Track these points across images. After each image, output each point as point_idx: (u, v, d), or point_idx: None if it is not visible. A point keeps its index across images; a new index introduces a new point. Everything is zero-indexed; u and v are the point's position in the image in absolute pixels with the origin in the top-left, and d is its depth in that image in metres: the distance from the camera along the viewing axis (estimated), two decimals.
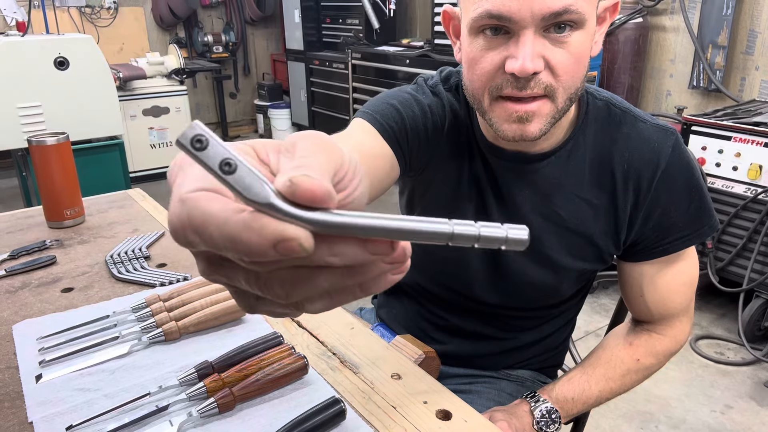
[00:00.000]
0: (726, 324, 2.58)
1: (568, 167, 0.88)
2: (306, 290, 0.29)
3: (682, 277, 0.94)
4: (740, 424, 2.00)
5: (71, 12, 5.08)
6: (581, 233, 0.91)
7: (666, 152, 0.86)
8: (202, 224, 0.27)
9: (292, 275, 0.29)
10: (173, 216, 0.28)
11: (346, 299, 0.31)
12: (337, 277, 0.29)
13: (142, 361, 0.81)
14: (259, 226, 0.27)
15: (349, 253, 0.28)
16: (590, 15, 0.74)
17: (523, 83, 0.73)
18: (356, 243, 0.28)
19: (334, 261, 0.28)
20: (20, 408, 0.72)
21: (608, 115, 0.89)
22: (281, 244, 0.27)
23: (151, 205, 1.43)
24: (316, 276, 0.29)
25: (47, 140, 1.21)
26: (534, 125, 0.76)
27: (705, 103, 3.23)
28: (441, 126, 0.91)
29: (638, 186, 0.87)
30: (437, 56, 3.93)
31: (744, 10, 2.98)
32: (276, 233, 0.27)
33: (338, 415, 0.68)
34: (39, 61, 2.90)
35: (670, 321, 0.97)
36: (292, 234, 0.27)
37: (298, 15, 5.28)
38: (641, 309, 0.97)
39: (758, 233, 2.34)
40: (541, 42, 0.72)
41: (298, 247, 0.27)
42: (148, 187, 1.73)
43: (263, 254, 0.27)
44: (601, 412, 2.04)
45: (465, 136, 0.92)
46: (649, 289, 0.94)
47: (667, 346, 0.97)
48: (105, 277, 1.06)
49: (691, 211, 0.88)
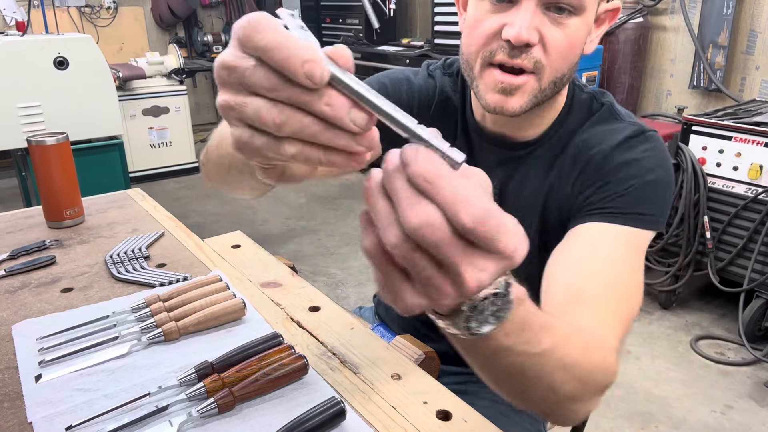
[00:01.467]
0: (726, 324, 2.58)
1: (545, 158, 0.90)
2: (295, 127, 0.37)
3: (600, 253, 0.77)
4: (740, 424, 2.00)
5: (71, 12, 5.08)
6: (552, 219, 0.90)
7: (619, 138, 0.84)
8: (263, 27, 0.36)
9: (291, 110, 0.37)
10: (243, 20, 0.37)
11: (313, 156, 0.39)
12: (319, 126, 0.37)
13: (141, 361, 0.81)
14: (303, 45, 0.36)
15: (338, 106, 0.37)
16: (590, 6, 0.78)
17: (516, 52, 0.76)
18: (347, 102, 0.37)
19: (326, 109, 0.37)
20: (20, 408, 0.72)
21: (589, 109, 0.90)
22: (308, 63, 0.35)
23: (151, 205, 1.43)
24: (306, 118, 0.37)
25: (47, 140, 1.21)
26: (515, 100, 0.79)
27: (705, 103, 3.23)
28: (427, 106, 0.96)
29: (584, 165, 0.86)
30: (437, 56, 3.93)
31: (744, 10, 2.97)
32: (311, 53, 0.35)
33: (338, 415, 0.68)
34: (38, 61, 2.89)
35: (585, 311, 0.69)
36: (320, 62, 0.36)
37: (298, 15, 5.27)
38: (554, 280, 0.77)
39: (759, 233, 2.34)
40: (540, 17, 0.76)
41: (318, 73, 0.35)
42: (147, 187, 1.72)
43: (294, 70, 0.35)
44: (601, 413, 2.04)
45: (453, 118, 0.96)
46: (563, 255, 0.79)
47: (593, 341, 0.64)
48: (104, 277, 1.06)
49: (627, 197, 0.80)
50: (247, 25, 0.36)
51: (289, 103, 0.37)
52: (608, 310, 0.69)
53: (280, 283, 1.05)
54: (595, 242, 0.78)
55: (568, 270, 0.75)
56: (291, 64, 0.35)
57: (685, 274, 2.60)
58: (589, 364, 0.58)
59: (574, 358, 0.55)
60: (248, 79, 0.37)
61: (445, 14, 3.99)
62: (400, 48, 4.46)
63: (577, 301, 0.70)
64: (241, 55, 0.37)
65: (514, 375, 0.53)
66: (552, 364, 0.53)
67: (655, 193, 0.81)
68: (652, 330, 2.56)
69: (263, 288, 1.04)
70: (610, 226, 0.78)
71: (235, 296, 0.93)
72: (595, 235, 0.78)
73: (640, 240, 0.79)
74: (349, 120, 0.37)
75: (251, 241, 1.24)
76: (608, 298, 0.71)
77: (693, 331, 2.54)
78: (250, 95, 0.38)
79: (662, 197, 0.82)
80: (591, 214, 0.81)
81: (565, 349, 0.54)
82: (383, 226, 0.37)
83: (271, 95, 0.37)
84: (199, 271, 1.08)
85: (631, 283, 0.75)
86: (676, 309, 2.72)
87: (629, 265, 0.76)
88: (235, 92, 0.38)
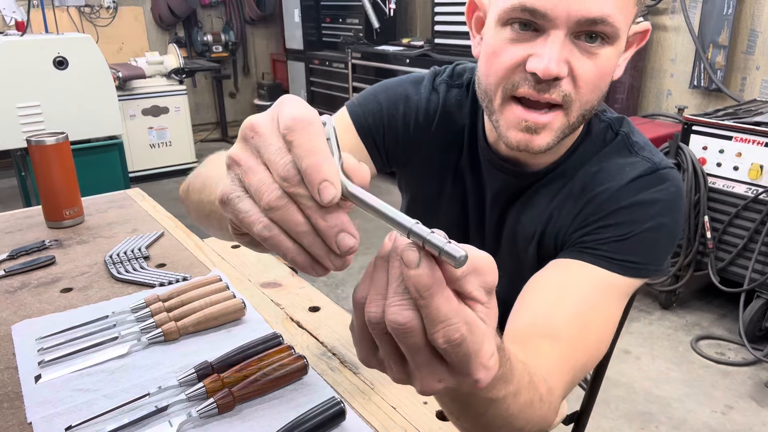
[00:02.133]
0: (727, 324, 2.58)
1: (551, 187, 0.85)
2: (284, 218, 0.38)
3: (577, 294, 0.74)
4: (741, 425, 2.00)
5: (70, 11, 5.07)
6: (549, 247, 0.86)
7: (629, 177, 0.78)
8: (311, 130, 0.37)
9: (289, 201, 0.38)
10: (297, 111, 0.38)
11: (284, 247, 0.39)
12: (306, 229, 0.38)
13: (141, 361, 0.81)
14: (329, 162, 0.37)
15: (332, 224, 0.37)
16: (623, 33, 0.71)
17: (543, 86, 0.70)
18: (341, 223, 0.37)
19: (320, 222, 0.37)
20: (19, 408, 0.72)
21: (603, 139, 0.84)
22: (325, 183, 0.36)
23: (151, 205, 1.43)
24: (298, 215, 0.38)
25: (46, 140, 1.21)
26: (542, 138, 0.73)
27: (706, 103, 3.23)
28: (427, 125, 0.90)
29: (588, 202, 0.81)
30: (437, 56, 3.94)
31: (745, 9, 2.97)
32: (331, 173, 0.36)
33: (338, 416, 0.68)
34: (38, 61, 2.89)
35: (543, 349, 0.67)
36: (336, 184, 0.37)
37: (297, 14, 5.28)
38: (523, 307, 0.76)
39: (759, 233, 2.34)
40: (569, 47, 0.69)
41: (329, 197, 0.36)
42: (147, 187, 1.72)
43: (311, 180, 0.36)
44: (602, 412, 2.04)
45: (458, 135, 0.90)
46: (540, 284, 0.77)
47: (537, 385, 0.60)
48: (104, 278, 1.05)
49: (622, 243, 0.76)
50: (301, 120, 0.37)
51: (292, 197, 0.37)
52: (563, 355, 0.67)
53: (280, 283, 1.05)
54: (576, 282, 0.75)
55: (541, 301, 0.73)
56: (311, 174, 0.36)
57: (685, 274, 2.59)
58: (526, 420, 0.58)
59: (515, 411, 0.55)
60: (271, 156, 0.38)
61: (445, 14, 3.99)
62: (400, 48, 4.45)
63: (538, 335, 0.68)
64: (275, 130, 0.38)
65: (458, 406, 0.54)
66: (495, 411, 0.53)
67: (654, 241, 0.77)
68: (653, 330, 2.56)
69: (263, 288, 1.03)
70: (597, 269, 0.75)
71: (235, 296, 0.93)
72: (578, 274, 0.75)
73: (622, 288, 0.76)
74: (335, 240, 0.37)
75: None
76: (569, 344, 0.69)
77: (693, 331, 2.54)
78: (262, 166, 0.38)
79: (662, 245, 0.78)
80: (582, 251, 0.77)
81: (514, 401, 0.53)
82: (371, 297, 0.38)
83: (280, 182, 0.37)
84: (198, 271, 1.08)
85: (599, 331, 0.73)
86: (677, 309, 2.72)
87: (604, 313, 0.74)
88: (251, 155, 0.39)
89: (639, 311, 2.70)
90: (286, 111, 0.38)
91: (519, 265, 0.89)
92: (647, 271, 0.77)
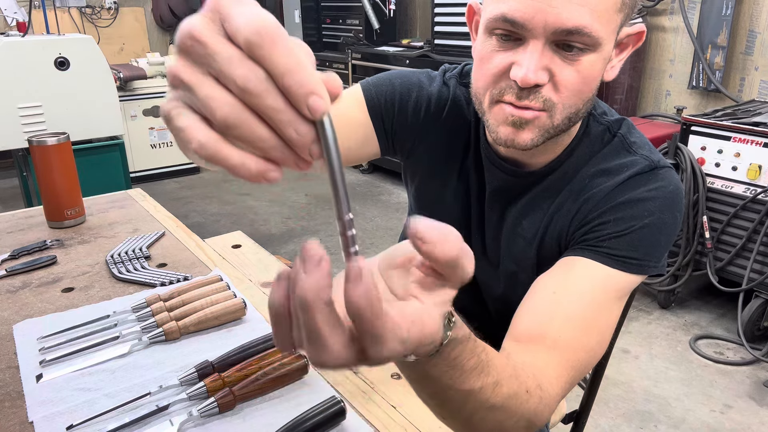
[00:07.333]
0: (725, 324, 2.59)
1: (549, 189, 0.86)
2: (247, 133, 0.33)
3: (577, 291, 0.75)
4: (740, 424, 2.01)
5: (71, 12, 5.08)
6: (550, 250, 0.87)
7: (626, 175, 0.80)
8: (282, 41, 0.32)
9: (249, 114, 0.33)
10: (256, 17, 0.32)
11: (252, 168, 0.34)
12: (275, 142, 0.34)
13: (142, 360, 0.82)
14: (317, 73, 0.33)
15: (305, 136, 0.33)
16: (606, 39, 0.72)
17: (525, 93, 0.72)
18: (312, 134, 0.33)
19: (293, 134, 0.33)
20: (21, 408, 0.73)
21: (600, 141, 0.85)
22: (314, 96, 0.32)
23: (152, 205, 1.43)
24: (263, 129, 0.33)
25: (48, 140, 1.21)
26: (527, 133, 0.75)
27: (704, 104, 3.24)
28: (438, 114, 0.92)
29: (586, 201, 0.82)
30: (437, 56, 3.94)
31: (743, 10, 2.98)
32: (321, 87, 0.32)
33: (338, 415, 0.68)
34: (39, 62, 2.89)
35: (542, 347, 0.69)
36: (327, 99, 0.33)
37: (298, 15, 5.28)
38: (526, 306, 0.77)
39: (757, 233, 2.34)
40: (550, 56, 0.71)
41: (322, 110, 0.32)
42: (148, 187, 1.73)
43: (296, 93, 0.32)
44: (601, 412, 2.05)
45: (465, 130, 0.92)
46: (543, 284, 0.78)
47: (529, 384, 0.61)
48: (105, 277, 1.06)
49: (622, 239, 0.77)
50: (267, 32, 0.31)
51: (257, 110, 0.33)
52: (563, 354, 0.69)
53: None
54: (579, 281, 0.76)
55: (544, 300, 0.74)
56: (296, 90, 0.32)
57: (684, 274, 2.60)
58: (515, 411, 0.57)
59: (497, 403, 0.54)
60: (222, 66, 0.32)
61: (445, 14, 3.99)
62: (400, 48, 4.46)
63: (540, 334, 0.70)
64: (220, 37, 0.33)
65: (436, 400, 0.53)
66: (474, 403, 0.51)
67: (653, 237, 0.78)
68: (651, 330, 2.56)
69: (263, 288, 1.04)
70: (599, 267, 0.76)
71: (236, 296, 0.93)
72: (580, 272, 0.76)
73: (623, 286, 0.77)
74: (308, 150, 0.34)
75: (252, 241, 1.25)
76: (570, 343, 0.70)
77: (692, 331, 2.54)
78: (210, 78, 0.33)
79: (661, 241, 0.79)
80: (584, 249, 0.78)
81: (494, 392, 0.53)
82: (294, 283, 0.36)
83: (241, 95, 0.32)
84: (199, 270, 1.09)
85: (600, 330, 0.74)
86: (675, 309, 2.72)
87: (605, 312, 0.75)
88: (195, 69, 0.34)
89: (638, 311, 2.70)
90: (239, 19, 0.32)
91: (518, 266, 0.90)
92: (647, 267, 0.78)
